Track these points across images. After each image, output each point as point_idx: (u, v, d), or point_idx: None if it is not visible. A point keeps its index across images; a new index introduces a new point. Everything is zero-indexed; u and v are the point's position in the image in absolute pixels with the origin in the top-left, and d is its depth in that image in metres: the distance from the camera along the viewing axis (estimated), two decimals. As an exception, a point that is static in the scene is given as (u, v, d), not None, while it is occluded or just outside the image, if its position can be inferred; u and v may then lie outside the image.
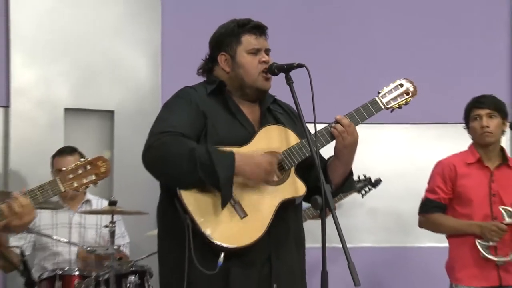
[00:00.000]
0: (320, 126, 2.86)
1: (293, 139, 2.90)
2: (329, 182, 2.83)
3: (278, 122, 2.97)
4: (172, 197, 2.76)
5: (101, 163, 2.77)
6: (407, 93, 3.08)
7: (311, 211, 4.43)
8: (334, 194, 2.91)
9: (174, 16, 5.38)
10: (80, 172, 2.74)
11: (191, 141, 2.76)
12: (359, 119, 2.96)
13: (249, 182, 2.78)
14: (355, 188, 3.12)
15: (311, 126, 2.80)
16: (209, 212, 2.73)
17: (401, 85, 3.08)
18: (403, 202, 4.49)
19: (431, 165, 4.19)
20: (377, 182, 4.83)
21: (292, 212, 2.95)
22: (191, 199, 2.73)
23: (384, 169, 4.83)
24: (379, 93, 3.05)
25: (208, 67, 3.02)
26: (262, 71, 2.91)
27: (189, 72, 3.08)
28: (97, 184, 2.82)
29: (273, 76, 2.92)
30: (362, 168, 4.63)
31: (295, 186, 2.87)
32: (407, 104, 3.09)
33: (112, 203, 4.13)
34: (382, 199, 5.32)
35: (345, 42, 5.56)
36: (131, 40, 5.32)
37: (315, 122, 2.77)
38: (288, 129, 2.93)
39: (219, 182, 2.68)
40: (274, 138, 2.90)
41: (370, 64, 5.41)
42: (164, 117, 2.87)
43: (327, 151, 2.96)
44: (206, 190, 2.74)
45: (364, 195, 4.80)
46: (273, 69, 2.89)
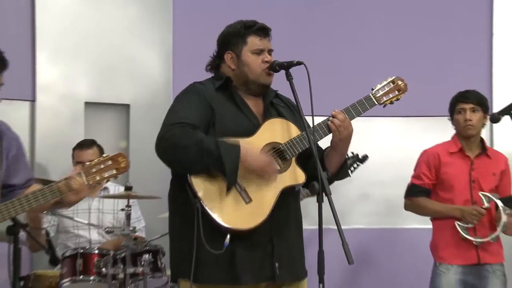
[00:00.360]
0: (318, 119, 2.87)
1: (294, 131, 2.90)
2: (326, 170, 2.82)
3: (280, 115, 2.97)
4: (183, 183, 2.76)
5: (121, 159, 2.77)
6: (398, 90, 3.08)
7: (304, 193, 4.42)
8: (331, 181, 2.91)
9: (184, 18, 5.36)
10: (102, 167, 2.74)
11: (200, 132, 2.75)
12: (355, 114, 2.97)
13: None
14: (349, 175, 3.10)
15: (309, 119, 2.82)
16: (217, 197, 2.73)
17: (393, 82, 3.08)
18: (393, 188, 4.49)
19: (418, 154, 4.20)
20: (364, 158, 4.75)
21: (292, 198, 2.95)
22: (201, 185, 2.73)
23: (376, 158, 4.79)
24: (373, 90, 3.05)
25: (216, 64, 3.01)
26: (265, 69, 2.91)
27: (198, 69, 3.07)
28: (117, 178, 2.82)
29: (275, 73, 2.92)
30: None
31: (296, 175, 2.87)
32: (398, 100, 3.09)
33: (128, 189, 4.14)
34: (374, 185, 5.33)
35: (341, 42, 5.53)
36: (145, 40, 5.31)
37: (313, 115, 2.79)
38: (290, 122, 2.93)
39: (225, 171, 2.68)
40: (277, 130, 2.89)
41: (364, 62, 5.38)
42: (175, 110, 2.86)
43: (324, 143, 2.96)
44: (214, 177, 2.74)
45: (353, 171, 4.74)
46: (275, 66, 2.89)
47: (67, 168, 4.71)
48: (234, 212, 2.74)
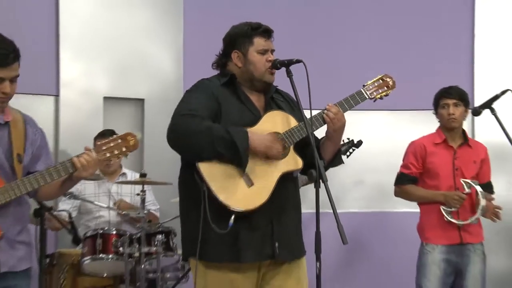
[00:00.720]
0: (315, 112, 2.87)
1: (293, 122, 2.89)
2: (322, 158, 2.83)
3: (280, 108, 2.96)
4: (191, 169, 2.75)
5: (130, 138, 2.73)
6: (387, 86, 3.08)
7: (303, 179, 4.41)
8: (326, 168, 2.91)
9: (194, 21, 5.35)
10: (112, 145, 2.71)
11: (208, 121, 2.75)
12: (347, 107, 2.97)
13: (257, 156, 2.77)
14: (343, 162, 3.10)
15: (307, 112, 2.80)
16: (223, 181, 2.73)
17: (382, 79, 3.08)
18: (383, 175, 4.49)
19: (406, 144, 4.19)
20: (359, 143, 4.70)
21: (291, 183, 2.94)
22: (208, 171, 2.72)
23: (368, 148, 4.78)
24: (364, 86, 3.05)
25: (222, 62, 3.00)
26: (268, 68, 2.90)
27: (206, 66, 3.05)
28: (128, 156, 2.79)
29: (276, 70, 2.92)
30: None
31: (294, 161, 2.87)
32: (387, 96, 3.08)
33: (143, 175, 4.15)
34: (366, 172, 5.33)
35: (337, 42, 5.53)
36: (158, 40, 5.30)
37: (311, 109, 2.77)
38: (288, 114, 2.92)
39: (240, 152, 2.68)
40: (277, 121, 2.89)
41: (357, 60, 5.37)
42: (186, 102, 2.86)
43: (320, 133, 2.95)
44: (220, 164, 2.73)
45: (349, 156, 4.71)
46: (276, 64, 2.88)
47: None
48: (238, 195, 2.73)
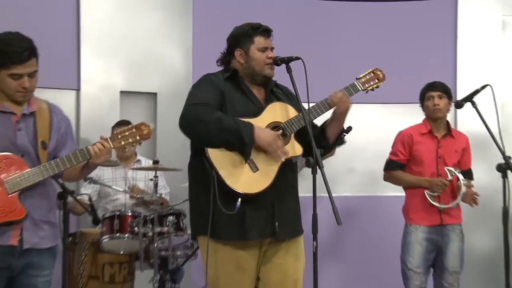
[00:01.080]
0: (312, 105, 2.87)
1: (292, 113, 2.90)
2: (319, 148, 2.83)
3: (279, 100, 2.96)
4: (201, 157, 2.76)
5: (144, 127, 2.72)
6: (378, 79, 3.07)
7: (301, 164, 4.39)
8: (332, 147, 3.02)
9: (202, 21, 5.34)
10: (127, 134, 2.70)
11: (218, 111, 2.75)
12: None
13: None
14: (345, 143, 3.11)
15: (306, 105, 2.81)
16: (230, 167, 2.73)
17: (373, 72, 3.08)
18: (374, 162, 4.49)
19: (394, 135, 4.19)
20: (349, 129, 4.68)
21: (291, 169, 2.95)
22: (216, 157, 2.72)
23: (361, 137, 4.77)
24: (357, 79, 3.05)
25: (226, 60, 3.00)
26: (268, 64, 2.90)
27: (213, 63, 3.05)
28: (141, 144, 2.78)
29: (276, 66, 2.92)
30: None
31: (294, 148, 2.87)
32: (378, 88, 3.08)
33: (156, 162, 4.15)
34: (358, 160, 5.33)
35: (332, 40, 5.52)
36: (169, 39, 5.28)
37: (309, 102, 2.79)
38: (288, 105, 2.92)
39: (245, 143, 2.68)
40: (278, 112, 2.89)
41: (351, 57, 5.35)
42: (194, 94, 2.86)
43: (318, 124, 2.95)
44: (228, 151, 2.74)
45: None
46: (277, 61, 2.88)
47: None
48: (244, 179, 2.73)
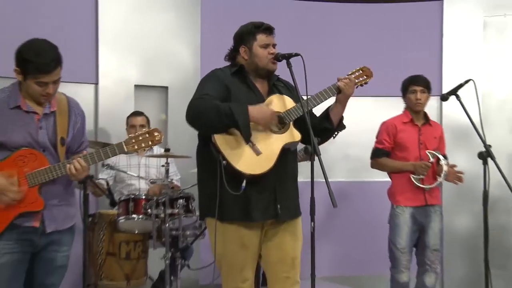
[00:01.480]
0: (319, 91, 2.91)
1: (290, 104, 2.89)
2: (317, 137, 2.81)
3: (281, 93, 2.95)
4: (207, 144, 2.75)
5: (156, 134, 2.70)
6: (367, 75, 3.08)
7: (301, 155, 4.39)
8: (335, 131, 3.01)
9: (209, 21, 5.31)
10: (140, 139, 2.68)
11: (216, 100, 2.73)
12: (335, 90, 2.98)
13: (259, 127, 2.76)
14: (345, 127, 3.10)
15: (304, 97, 2.80)
16: (235, 151, 2.72)
17: (363, 70, 3.07)
18: (366, 150, 4.43)
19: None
20: (343, 127, 4.65)
21: (291, 157, 2.94)
22: (222, 142, 2.71)
23: (354, 128, 4.61)
24: (348, 75, 3.02)
25: (232, 55, 2.99)
26: (271, 59, 2.89)
27: (220, 59, 3.04)
28: (153, 148, 2.78)
29: (278, 62, 2.90)
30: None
31: (293, 135, 2.86)
32: (367, 84, 3.06)
33: (167, 150, 4.13)
34: (352, 148, 5.33)
35: (328, 39, 5.50)
36: (180, 37, 5.26)
37: (307, 94, 2.77)
38: (287, 97, 2.92)
39: (239, 125, 2.66)
40: (277, 103, 2.88)
41: (345, 54, 5.34)
42: (201, 87, 2.85)
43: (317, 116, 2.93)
44: (232, 136, 2.73)
45: (335, 137, 4.65)
46: (278, 57, 2.88)
47: (122, 134, 4.72)
48: (248, 162, 2.72)
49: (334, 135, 3.07)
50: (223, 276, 2.93)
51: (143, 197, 4.03)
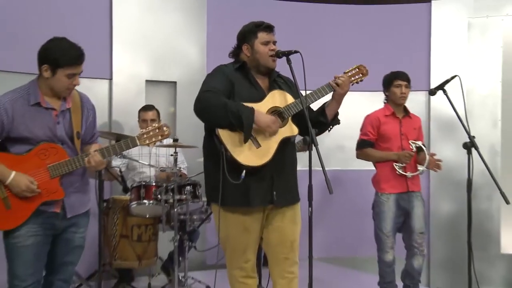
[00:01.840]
0: (309, 92, 2.85)
1: (290, 99, 2.86)
2: (318, 124, 2.85)
3: (281, 89, 2.92)
4: (212, 135, 2.74)
5: (166, 129, 2.75)
6: (362, 74, 3.03)
7: (299, 145, 4.37)
8: (329, 125, 2.98)
9: (214, 21, 5.29)
10: (151, 134, 2.72)
11: (224, 97, 2.72)
12: (332, 88, 2.94)
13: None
14: (339, 123, 3.09)
15: (303, 92, 2.77)
16: (237, 144, 2.71)
17: (359, 68, 3.03)
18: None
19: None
20: (338, 122, 4.62)
21: (289, 147, 2.93)
22: (225, 135, 2.70)
23: (349, 120, 4.58)
24: (345, 73, 2.99)
25: (236, 52, 2.96)
26: (271, 56, 2.86)
27: (224, 56, 3.01)
28: (162, 142, 2.80)
29: (278, 58, 2.88)
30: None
31: (291, 129, 2.85)
32: (362, 81, 3.04)
33: (175, 140, 4.11)
34: (346, 139, 5.29)
35: (326, 38, 5.48)
36: (187, 36, 5.24)
37: (306, 90, 2.75)
38: (287, 93, 2.89)
39: (244, 126, 2.66)
40: (277, 99, 2.86)
41: (341, 51, 5.33)
42: (207, 82, 2.82)
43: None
44: (235, 130, 2.71)
45: (331, 130, 4.64)
46: (278, 54, 2.84)
47: (134, 126, 4.73)
48: (248, 154, 2.71)
49: (329, 129, 3.06)
50: (227, 257, 2.93)
51: (154, 184, 4.02)
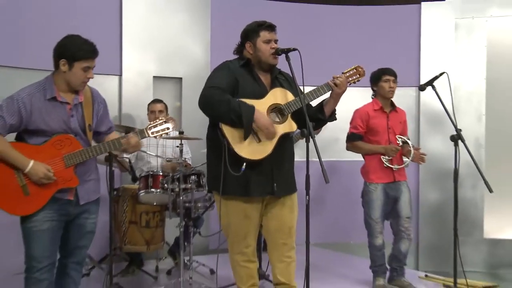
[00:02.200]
0: (307, 88, 2.82)
1: (290, 97, 2.85)
2: (315, 120, 2.83)
3: (282, 86, 2.91)
4: (215, 129, 2.73)
5: (171, 121, 2.77)
6: (359, 74, 3.01)
7: (297, 137, 4.37)
8: (327, 122, 2.97)
9: (218, 20, 5.25)
10: (158, 127, 2.75)
11: (228, 94, 2.70)
12: (330, 87, 2.92)
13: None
14: (336, 119, 3.08)
15: (302, 88, 2.77)
16: (238, 138, 2.70)
17: (356, 69, 3.00)
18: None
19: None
20: (334, 118, 4.63)
21: (288, 141, 2.92)
22: (228, 129, 2.69)
23: (345, 115, 4.62)
24: (343, 73, 2.97)
25: (240, 50, 2.95)
26: (272, 53, 2.84)
27: (227, 54, 2.99)
28: (169, 134, 2.83)
29: (278, 56, 2.86)
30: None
31: (290, 125, 2.84)
32: (359, 81, 3.01)
33: (181, 133, 4.08)
34: (342, 132, 5.20)
35: (324, 37, 5.43)
36: (192, 35, 5.20)
37: (304, 86, 2.74)
38: (287, 91, 2.87)
39: (244, 124, 2.65)
40: (278, 96, 2.84)
41: (338, 50, 5.30)
42: (212, 78, 2.81)
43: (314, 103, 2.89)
44: (237, 126, 2.70)
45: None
46: (278, 51, 2.83)
47: (143, 119, 4.72)
48: (249, 148, 2.70)
49: (318, 131, 3.05)
50: (229, 243, 2.93)
51: (161, 174, 4.01)
